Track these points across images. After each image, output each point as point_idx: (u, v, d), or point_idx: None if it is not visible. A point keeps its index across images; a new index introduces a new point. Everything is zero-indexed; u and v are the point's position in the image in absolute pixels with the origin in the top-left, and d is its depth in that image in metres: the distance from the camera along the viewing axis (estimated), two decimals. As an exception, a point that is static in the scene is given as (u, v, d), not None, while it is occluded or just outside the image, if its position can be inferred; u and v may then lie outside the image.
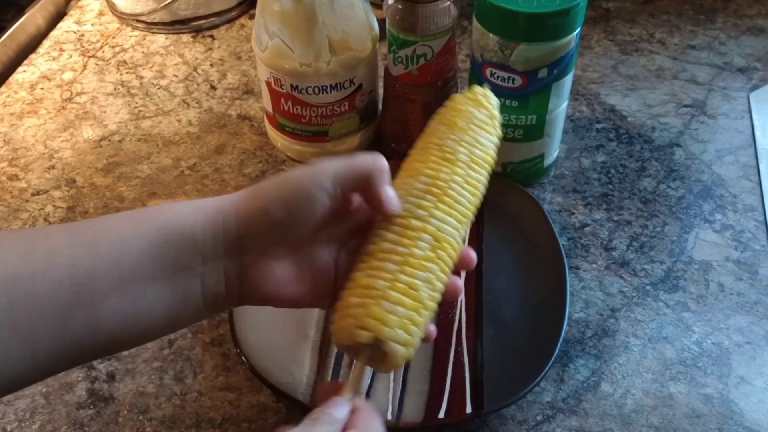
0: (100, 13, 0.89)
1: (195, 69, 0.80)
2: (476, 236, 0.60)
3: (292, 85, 0.61)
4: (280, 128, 0.66)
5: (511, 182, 0.62)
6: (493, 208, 0.60)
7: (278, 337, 0.53)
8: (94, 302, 0.34)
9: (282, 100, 0.63)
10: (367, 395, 0.50)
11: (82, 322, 0.34)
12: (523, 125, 0.59)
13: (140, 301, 0.35)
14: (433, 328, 0.40)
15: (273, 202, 0.37)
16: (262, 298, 0.39)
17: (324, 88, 0.61)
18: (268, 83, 0.63)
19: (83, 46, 0.84)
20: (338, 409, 0.35)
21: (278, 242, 0.38)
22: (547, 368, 0.49)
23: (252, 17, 0.87)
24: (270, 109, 0.65)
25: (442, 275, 0.39)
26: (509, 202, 0.60)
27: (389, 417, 0.48)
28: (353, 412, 0.36)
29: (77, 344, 0.34)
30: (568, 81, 0.58)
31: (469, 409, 0.48)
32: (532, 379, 0.48)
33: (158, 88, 0.78)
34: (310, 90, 0.61)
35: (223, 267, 0.38)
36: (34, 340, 0.33)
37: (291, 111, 0.63)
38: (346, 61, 0.60)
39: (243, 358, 0.50)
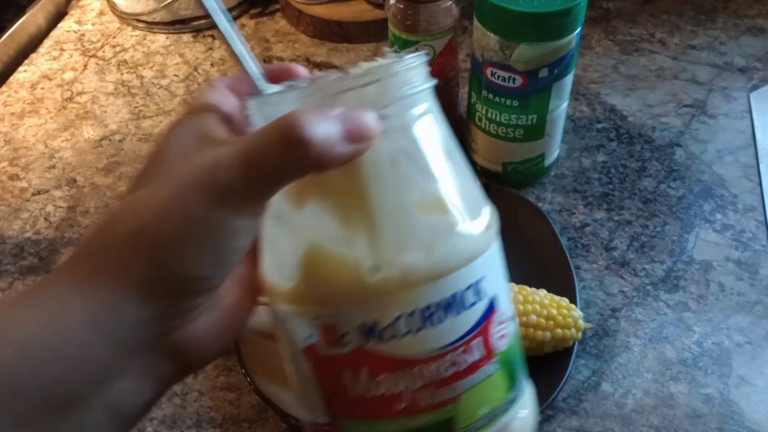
0: (101, 13, 0.89)
1: (195, 69, 0.80)
2: None
3: None
4: None
5: (522, 197, 0.61)
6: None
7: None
8: None
9: None
10: None
11: None
12: (523, 125, 0.59)
13: None
14: None
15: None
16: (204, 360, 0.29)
17: None
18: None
19: (84, 46, 0.84)
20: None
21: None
22: (562, 383, 0.48)
23: (252, 17, 0.87)
24: None
25: None
26: (515, 215, 0.59)
27: None
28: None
29: None
30: (568, 81, 0.58)
31: None
32: (549, 394, 0.47)
33: (159, 88, 0.78)
34: None
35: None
36: None
37: None
38: None
39: (253, 386, 0.48)
